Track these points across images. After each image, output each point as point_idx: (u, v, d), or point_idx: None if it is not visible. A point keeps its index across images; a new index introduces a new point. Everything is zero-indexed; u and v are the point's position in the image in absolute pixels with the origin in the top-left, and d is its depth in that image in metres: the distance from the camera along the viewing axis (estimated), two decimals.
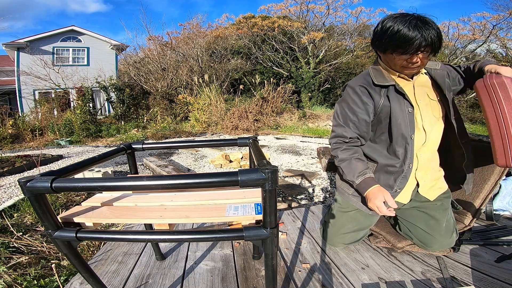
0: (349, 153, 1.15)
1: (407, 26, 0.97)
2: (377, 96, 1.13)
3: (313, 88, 13.57)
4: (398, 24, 0.99)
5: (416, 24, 0.96)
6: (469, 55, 12.43)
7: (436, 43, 0.98)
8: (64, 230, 0.68)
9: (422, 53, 1.00)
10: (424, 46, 0.97)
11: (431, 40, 0.96)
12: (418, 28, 0.96)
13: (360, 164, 1.13)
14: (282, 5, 14.34)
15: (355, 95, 1.14)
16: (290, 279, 1.15)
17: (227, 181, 0.58)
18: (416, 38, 0.96)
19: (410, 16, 1.00)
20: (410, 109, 1.11)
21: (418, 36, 0.95)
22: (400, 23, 0.98)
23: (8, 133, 7.37)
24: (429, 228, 1.18)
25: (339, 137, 1.18)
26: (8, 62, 13.30)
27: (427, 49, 0.99)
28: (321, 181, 3.23)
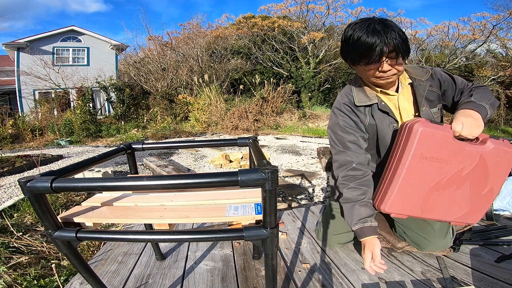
0: (356, 193, 1.04)
1: (366, 32, 0.91)
2: (362, 115, 1.11)
3: (313, 88, 13.57)
4: (357, 31, 0.94)
5: (375, 28, 0.90)
6: (469, 55, 12.42)
7: (400, 46, 0.91)
8: (64, 230, 0.68)
9: (390, 60, 0.94)
10: (387, 52, 0.91)
11: (394, 44, 0.90)
12: (377, 33, 0.90)
13: (363, 209, 1.02)
14: (282, 5, 14.35)
15: (343, 115, 1.11)
16: (290, 279, 1.15)
17: (227, 181, 0.58)
18: (377, 44, 0.90)
19: (369, 21, 0.94)
20: (395, 124, 1.09)
21: (378, 41, 0.89)
22: (359, 30, 0.93)
23: (8, 133, 7.38)
24: (422, 231, 1.17)
25: (345, 165, 1.08)
26: (8, 62, 13.30)
27: (391, 54, 0.92)
28: (321, 181, 3.23)
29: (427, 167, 0.92)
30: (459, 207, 0.95)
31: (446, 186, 0.94)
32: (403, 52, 0.93)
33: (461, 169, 0.92)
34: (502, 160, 0.91)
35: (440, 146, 0.90)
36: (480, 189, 0.94)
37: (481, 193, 0.94)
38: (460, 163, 0.91)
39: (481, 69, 11.67)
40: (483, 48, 12.46)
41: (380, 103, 1.09)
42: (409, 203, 0.96)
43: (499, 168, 0.91)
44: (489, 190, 0.93)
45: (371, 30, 0.90)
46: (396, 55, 0.93)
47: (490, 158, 0.91)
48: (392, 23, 0.93)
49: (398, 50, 0.91)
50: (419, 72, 1.11)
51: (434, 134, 0.89)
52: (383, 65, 0.95)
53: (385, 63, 0.94)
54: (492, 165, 0.91)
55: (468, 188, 0.94)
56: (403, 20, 13.64)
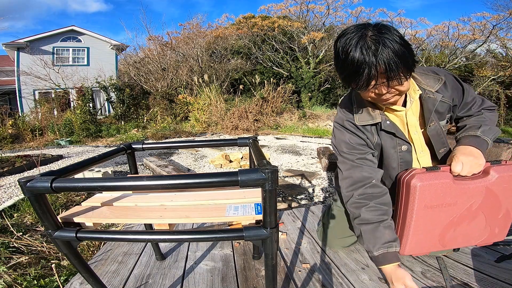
0: (378, 214, 0.93)
1: (354, 46, 0.75)
2: (369, 134, 0.99)
3: (313, 88, 13.57)
4: (345, 44, 0.77)
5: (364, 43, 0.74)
6: (469, 55, 12.43)
7: (394, 66, 0.73)
8: (64, 230, 0.68)
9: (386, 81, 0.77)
10: (376, 76, 0.75)
11: (385, 65, 0.73)
12: (366, 49, 0.73)
13: (388, 232, 0.92)
14: (282, 5, 14.36)
15: (349, 132, 1.00)
16: (290, 279, 1.15)
17: (227, 181, 0.58)
18: (364, 65, 0.74)
19: (362, 31, 0.76)
20: (404, 147, 0.99)
21: (365, 61, 0.74)
22: (348, 42, 0.76)
23: (8, 133, 7.38)
24: None
25: (361, 182, 0.97)
26: (8, 62, 13.30)
27: (382, 76, 0.76)
28: (321, 181, 3.23)
29: (435, 213, 0.93)
30: (479, 234, 0.97)
31: (460, 222, 0.95)
32: (399, 73, 0.75)
33: (470, 205, 0.93)
34: (510, 184, 0.91)
35: (442, 194, 0.90)
36: (495, 215, 0.96)
37: (497, 218, 0.96)
38: (468, 201, 0.92)
39: (481, 69, 11.68)
40: (483, 48, 12.46)
41: (384, 123, 0.95)
42: (426, 243, 0.98)
43: (509, 192, 0.92)
44: (505, 212, 0.95)
45: (361, 45, 0.74)
46: (389, 78, 0.76)
47: (497, 188, 0.91)
48: (388, 33, 0.74)
49: (391, 71, 0.74)
50: (431, 80, 0.96)
51: (432, 186, 0.88)
52: (378, 88, 0.81)
53: (380, 86, 0.80)
54: (501, 192, 0.92)
55: (483, 218, 0.95)
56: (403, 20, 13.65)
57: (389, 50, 0.72)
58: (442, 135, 1.02)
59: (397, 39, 0.74)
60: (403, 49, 0.74)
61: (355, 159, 0.99)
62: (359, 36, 0.75)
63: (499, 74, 11.06)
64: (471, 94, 1.02)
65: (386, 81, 0.77)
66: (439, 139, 1.02)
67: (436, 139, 1.01)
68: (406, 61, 0.75)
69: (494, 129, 0.97)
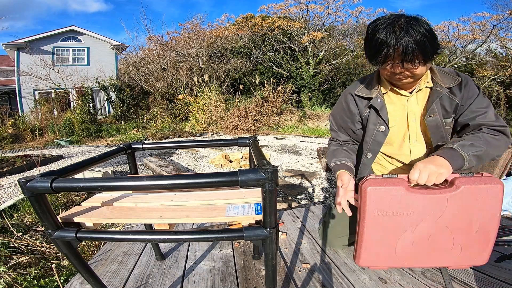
0: (338, 146, 1.22)
1: (381, 31, 0.85)
2: (362, 107, 1.11)
3: (313, 88, 13.57)
4: (375, 27, 0.88)
5: (392, 28, 0.84)
6: (469, 55, 12.42)
7: (411, 51, 0.82)
8: (64, 230, 0.68)
9: (401, 63, 0.86)
10: (395, 55, 0.85)
11: (403, 48, 0.82)
12: (390, 33, 0.83)
13: (343, 153, 1.15)
14: (282, 5, 14.35)
15: (344, 103, 1.17)
16: (290, 279, 1.15)
17: (227, 181, 0.58)
18: (385, 45, 0.84)
19: (395, 18, 0.86)
20: (382, 127, 1.07)
21: (386, 42, 0.84)
22: (378, 27, 0.87)
23: (8, 133, 7.38)
24: None
25: (334, 139, 1.27)
26: (8, 62, 13.30)
27: (397, 58, 0.86)
28: (321, 181, 3.23)
29: (387, 222, 0.89)
30: (448, 254, 0.88)
31: (419, 237, 0.89)
32: (415, 58, 0.84)
33: (429, 218, 0.87)
34: (481, 197, 0.83)
35: (395, 202, 0.87)
36: (465, 232, 0.86)
37: (471, 234, 0.86)
38: (426, 213, 0.87)
39: (481, 69, 11.68)
40: (483, 48, 12.46)
41: (375, 100, 1.06)
42: (383, 256, 0.94)
43: (482, 205, 0.83)
44: (480, 228, 0.85)
45: (388, 30, 0.84)
46: (404, 60, 0.85)
47: (462, 200, 0.84)
48: (417, 24, 0.83)
49: (407, 54, 0.83)
50: (446, 78, 1.00)
51: (383, 192, 0.86)
52: (393, 68, 0.90)
53: (395, 65, 0.89)
54: (470, 205, 0.84)
55: (449, 235, 0.87)
56: None
57: (410, 38, 0.82)
58: (442, 129, 1.01)
59: (421, 30, 0.83)
60: (424, 39, 0.83)
61: (339, 126, 1.22)
62: (389, 22, 0.86)
63: (499, 74, 11.06)
64: (483, 104, 0.97)
65: (401, 62, 0.86)
66: (437, 132, 1.02)
67: (434, 131, 1.02)
68: (424, 50, 0.84)
69: (479, 147, 0.89)
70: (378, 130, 1.09)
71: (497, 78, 11.18)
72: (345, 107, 1.16)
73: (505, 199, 1.67)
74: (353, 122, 1.16)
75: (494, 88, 11.11)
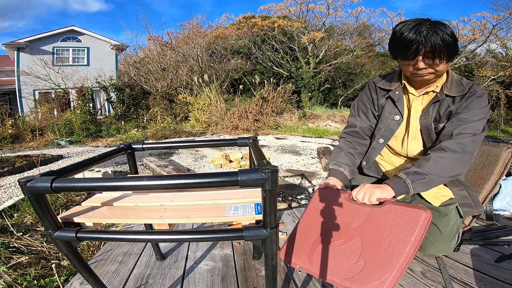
0: (347, 146, 1.22)
1: (409, 30, 0.93)
2: (380, 95, 1.21)
3: (313, 88, 13.57)
4: (404, 27, 0.95)
5: (420, 28, 0.91)
6: (469, 55, 12.43)
7: (439, 48, 0.90)
8: (64, 230, 0.68)
9: (426, 59, 0.94)
10: (423, 52, 0.92)
11: (432, 45, 0.90)
12: (419, 32, 0.91)
13: (346, 158, 1.18)
14: (282, 5, 14.36)
15: (367, 91, 1.26)
16: (290, 279, 1.15)
17: (227, 181, 0.58)
18: (414, 42, 0.91)
19: (421, 20, 0.94)
20: (397, 117, 1.15)
21: (416, 39, 0.91)
22: (406, 27, 0.94)
23: (8, 133, 7.38)
24: (429, 233, 1.17)
25: (350, 126, 1.26)
26: (8, 62, 13.30)
27: (427, 54, 0.93)
28: (321, 181, 3.23)
29: (316, 219, 0.96)
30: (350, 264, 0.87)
31: (334, 239, 0.91)
32: (441, 55, 0.92)
33: (349, 223, 0.91)
34: (400, 219, 0.84)
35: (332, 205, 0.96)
36: (374, 247, 0.85)
37: (377, 252, 0.84)
38: (348, 217, 0.92)
39: (481, 69, 11.69)
40: (483, 48, 12.46)
41: (393, 92, 1.14)
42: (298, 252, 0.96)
43: (398, 227, 0.84)
44: (388, 249, 0.83)
45: (416, 29, 0.91)
46: (432, 56, 0.93)
47: (382, 216, 0.87)
48: (443, 26, 0.91)
49: (435, 51, 0.91)
50: (455, 87, 1.05)
51: (327, 194, 0.99)
52: (418, 63, 0.96)
53: (421, 61, 0.95)
54: (386, 224, 0.86)
55: (359, 243, 0.88)
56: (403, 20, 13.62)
57: (438, 37, 0.89)
58: (432, 132, 1.08)
59: (448, 32, 0.91)
60: (450, 40, 0.91)
61: (360, 110, 1.26)
62: (416, 23, 0.93)
63: (499, 74, 11.07)
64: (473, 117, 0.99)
65: (430, 57, 0.93)
66: (427, 133, 1.10)
67: (425, 132, 1.10)
68: (449, 49, 0.92)
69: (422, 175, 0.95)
70: (392, 119, 1.16)
71: (497, 78, 11.18)
72: (367, 93, 1.26)
73: (505, 199, 1.67)
74: (373, 107, 1.24)
75: (494, 88, 11.11)
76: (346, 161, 1.16)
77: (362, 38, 14.57)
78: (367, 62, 15.03)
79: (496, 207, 1.66)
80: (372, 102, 1.24)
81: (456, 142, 0.98)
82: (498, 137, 1.24)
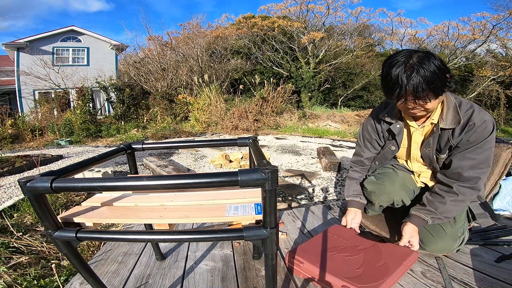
0: (357, 175, 1.40)
1: (394, 70, 0.92)
2: (383, 126, 1.28)
3: (313, 88, 13.58)
4: (390, 66, 0.94)
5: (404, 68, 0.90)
6: (469, 55, 12.43)
7: (421, 90, 0.89)
8: (64, 230, 0.68)
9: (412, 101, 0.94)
10: (405, 96, 0.93)
11: (413, 89, 0.89)
12: (401, 75, 0.90)
13: (358, 187, 1.38)
14: (282, 5, 14.36)
15: (372, 121, 1.32)
16: (290, 279, 1.15)
17: (227, 181, 0.58)
18: (397, 86, 0.92)
19: (408, 56, 0.92)
20: (392, 147, 1.27)
21: (398, 83, 0.91)
22: (392, 65, 0.94)
23: (8, 133, 7.37)
24: (433, 229, 1.17)
25: (357, 155, 1.41)
26: (8, 62, 13.30)
27: (410, 97, 0.93)
28: (321, 181, 3.23)
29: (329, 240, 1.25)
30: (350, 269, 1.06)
31: (342, 251, 1.17)
32: (425, 97, 0.92)
33: (357, 245, 1.20)
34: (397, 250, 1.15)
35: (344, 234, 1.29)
36: (374, 262, 1.09)
37: (375, 265, 1.07)
38: (357, 243, 1.22)
39: (481, 69, 11.69)
40: (483, 48, 12.46)
41: (394, 126, 1.21)
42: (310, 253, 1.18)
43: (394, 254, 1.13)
44: (384, 265, 1.06)
45: (400, 69, 0.91)
46: (415, 98, 0.92)
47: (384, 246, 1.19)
48: (427, 63, 0.89)
49: (417, 95, 0.91)
50: (450, 116, 1.04)
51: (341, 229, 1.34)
52: (406, 103, 0.98)
53: (408, 102, 0.96)
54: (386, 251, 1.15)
55: (361, 258, 1.12)
56: (403, 20, 13.65)
57: (420, 77, 0.88)
58: (433, 161, 1.15)
59: (431, 68, 0.88)
60: (434, 77, 0.89)
61: (365, 139, 1.37)
62: (403, 61, 0.92)
63: (499, 74, 11.07)
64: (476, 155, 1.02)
65: (413, 99, 0.94)
66: (429, 161, 1.18)
67: (427, 160, 1.19)
68: (434, 87, 0.90)
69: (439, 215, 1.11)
70: (389, 148, 1.29)
71: (497, 78, 11.18)
72: (372, 123, 1.33)
73: (505, 199, 1.67)
74: (378, 138, 1.34)
75: (494, 88, 11.12)
76: (359, 190, 1.37)
77: (362, 38, 14.57)
78: (367, 62, 15.03)
79: (496, 207, 1.66)
80: (377, 132, 1.32)
81: (469, 187, 1.05)
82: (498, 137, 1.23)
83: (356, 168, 1.41)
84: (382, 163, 1.36)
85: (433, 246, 1.17)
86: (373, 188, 1.30)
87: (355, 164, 1.42)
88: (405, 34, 13.66)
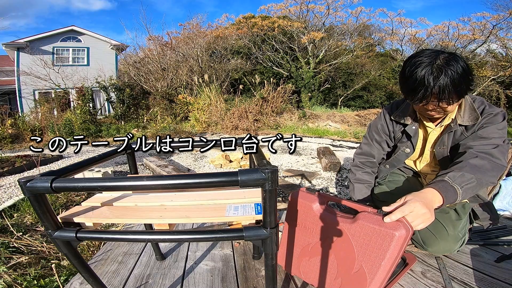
0: (367, 177, 1.31)
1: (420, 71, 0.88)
2: (396, 128, 1.24)
3: (313, 88, 13.57)
4: (414, 65, 0.90)
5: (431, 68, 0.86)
6: (469, 55, 12.42)
7: (447, 92, 0.86)
8: (64, 230, 0.68)
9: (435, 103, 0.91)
10: (430, 97, 0.89)
11: (440, 91, 0.86)
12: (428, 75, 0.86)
13: (369, 192, 1.31)
14: (282, 5, 14.36)
15: (383, 121, 1.27)
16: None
17: (227, 181, 0.58)
18: (421, 88, 0.88)
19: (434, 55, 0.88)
20: (407, 150, 1.21)
21: (422, 84, 0.87)
22: (417, 64, 0.89)
23: (8, 133, 7.37)
24: (435, 229, 1.17)
25: (366, 154, 1.31)
26: (8, 62, 13.29)
27: (434, 99, 0.90)
28: (321, 181, 3.23)
29: (297, 231, 1.00)
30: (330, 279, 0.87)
31: (313, 254, 0.94)
32: (449, 99, 0.89)
33: (324, 239, 0.90)
34: (371, 239, 0.76)
35: (305, 215, 0.95)
36: (347, 267, 0.83)
37: (350, 273, 0.81)
38: (322, 233, 0.90)
39: (481, 69, 11.68)
40: (483, 48, 12.46)
41: (410, 127, 1.16)
42: (288, 262, 1.05)
43: (369, 248, 0.77)
44: (360, 271, 0.79)
45: (426, 70, 0.87)
46: (440, 100, 0.90)
47: (353, 235, 0.80)
48: (454, 64, 0.85)
49: (442, 96, 0.87)
50: (467, 114, 1.03)
51: (300, 203, 0.97)
52: (427, 105, 0.95)
53: (430, 103, 0.93)
54: (357, 243, 0.79)
55: (334, 261, 0.86)
56: (403, 20, 13.65)
57: (448, 79, 0.85)
58: (448, 160, 1.10)
59: (459, 70, 0.85)
60: (461, 80, 0.86)
61: (373, 139, 1.29)
62: (429, 61, 0.88)
63: (499, 74, 11.07)
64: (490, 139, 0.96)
65: (436, 101, 0.91)
66: (443, 160, 1.13)
67: (440, 159, 1.14)
68: (459, 90, 0.88)
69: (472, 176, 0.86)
70: (403, 151, 1.23)
71: (497, 78, 11.18)
72: (383, 124, 1.28)
73: (505, 199, 1.67)
74: (389, 139, 1.29)
75: (494, 88, 11.12)
76: (368, 195, 1.30)
77: (362, 38, 14.57)
78: (367, 62, 15.03)
79: (496, 207, 1.66)
80: (389, 134, 1.27)
81: (482, 152, 0.94)
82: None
83: (367, 169, 1.32)
84: (394, 166, 1.30)
85: (435, 247, 1.16)
86: (385, 198, 1.27)
87: (365, 165, 1.32)
88: (405, 34, 13.67)
